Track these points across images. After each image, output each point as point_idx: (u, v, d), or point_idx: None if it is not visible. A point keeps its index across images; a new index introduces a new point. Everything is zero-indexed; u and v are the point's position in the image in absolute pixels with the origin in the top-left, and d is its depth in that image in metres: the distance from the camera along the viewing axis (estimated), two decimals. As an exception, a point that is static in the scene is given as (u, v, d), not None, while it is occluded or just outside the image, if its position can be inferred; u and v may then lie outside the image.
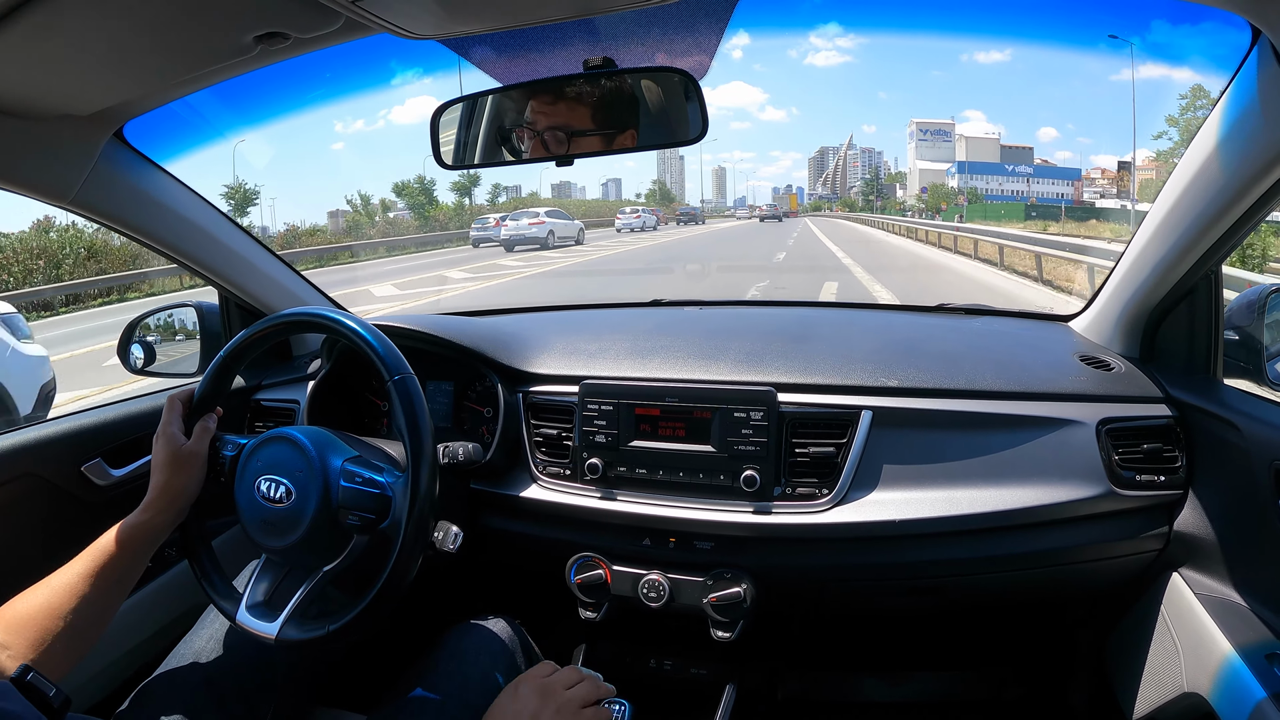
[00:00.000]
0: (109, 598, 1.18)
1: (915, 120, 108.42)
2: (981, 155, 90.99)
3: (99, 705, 1.60)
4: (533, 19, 1.14)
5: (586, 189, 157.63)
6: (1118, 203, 50.79)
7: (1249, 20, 1.06)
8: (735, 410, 1.53)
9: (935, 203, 74.16)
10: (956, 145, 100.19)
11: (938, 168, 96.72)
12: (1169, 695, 1.47)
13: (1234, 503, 1.40)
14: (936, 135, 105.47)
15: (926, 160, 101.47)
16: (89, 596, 1.14)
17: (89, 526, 1.25)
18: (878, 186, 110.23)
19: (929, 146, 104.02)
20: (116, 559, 1.19)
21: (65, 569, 1.16)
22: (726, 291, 13.65)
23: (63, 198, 1.48)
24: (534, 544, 1.74)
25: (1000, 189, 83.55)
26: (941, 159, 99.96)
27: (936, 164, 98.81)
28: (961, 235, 22.13)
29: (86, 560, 1.17)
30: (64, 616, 1.11)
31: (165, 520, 1.25)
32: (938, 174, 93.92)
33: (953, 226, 27.89)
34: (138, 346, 2.00)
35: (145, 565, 1.25)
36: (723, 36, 1.70)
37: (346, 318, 1.35)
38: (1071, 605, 1.96)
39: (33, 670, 0.90)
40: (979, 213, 50.23)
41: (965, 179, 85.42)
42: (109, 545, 1.19)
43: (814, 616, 2.14)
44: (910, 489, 1.50)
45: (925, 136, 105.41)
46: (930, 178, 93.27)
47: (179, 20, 1.07)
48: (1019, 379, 1.57)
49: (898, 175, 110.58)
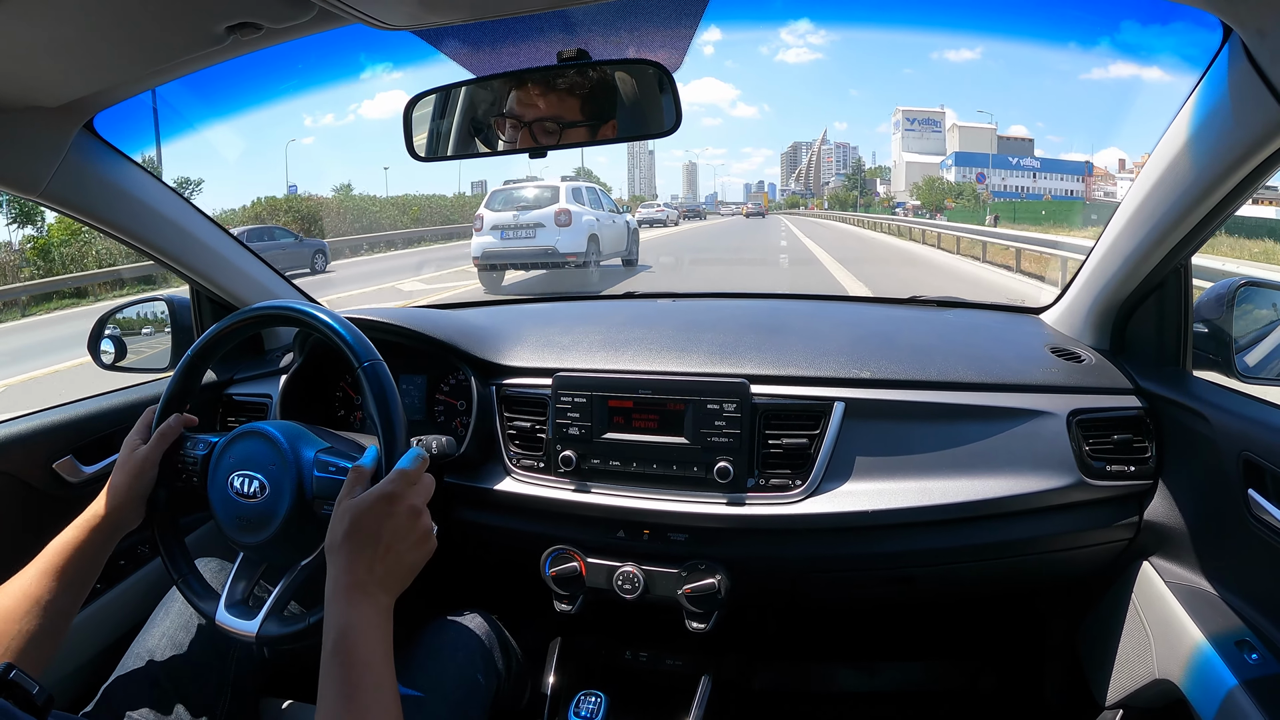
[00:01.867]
0: (66, 597, 1.17)
1: (902, 108, 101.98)
2: (976, 146, 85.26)
3: (76, 704, 1.59)
4: (506, 10, 1.13)
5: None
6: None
7: (1220, 18, 1.08)
8: (708, 402, 1.54)
9: (934, 199, 69.06)
10: (948, 136, 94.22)
11: (927, 160, 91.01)
12: (1141, 682, 1.48)
13: (1203, 492, 1.41)
14: (925, 125, 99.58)
15: (914, 152, 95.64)
16: (46, 599, 1.13)
17: (60, 524, 1.24)
18: (860, 181, 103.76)
19: (917, 137, 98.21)
20: (73, 560, 1.18)
21: (20, 574, 1.16)
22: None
23: (32, 190, 1.46)
24: (508, 537, 1.74)
25: (1003, 184, 78.27)
26: (931, 151, 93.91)
27: (925, 156, 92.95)
28: (998, 243, 16.60)
29: (41, 563, 1.17)
30: (20, 620, 1.11)
31: (111, 520, 1.24)
32: (928, 167, 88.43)
33: (992, 232, 19.18)
34: (108, 342, 1.98)
35: (102, 564, 1.24)
36: (696, 31, 1.70)
37: (317, 310, 1.35)
38: (1043, 594, 1.98)
39: (15, 668, 0.89)
40: (1005, 213, 41.02)
41: (963, 172, 79.63)
42: (64, 546, 1.18)
43: (788, 607, 2.15)
44: (883, 480, 1.51)
45: (913, 126, 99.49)
46: (919, 171, 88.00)
47: (150, 10, 1.06)
48: (990, 370, 1.58)
49: (878, 170, 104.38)
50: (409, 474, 1.13)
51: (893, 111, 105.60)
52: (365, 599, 1.03)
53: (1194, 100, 1.24)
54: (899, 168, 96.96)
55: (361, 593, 1.03)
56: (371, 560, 1.05)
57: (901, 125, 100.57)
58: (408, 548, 1.09)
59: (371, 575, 1.04)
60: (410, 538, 1.09)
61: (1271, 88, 1.03)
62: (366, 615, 1.02)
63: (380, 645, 1.02)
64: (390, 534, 1.07)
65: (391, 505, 1.09)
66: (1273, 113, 1.05)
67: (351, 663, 0.98)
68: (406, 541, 1.09)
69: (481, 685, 1.43)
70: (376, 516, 1.07)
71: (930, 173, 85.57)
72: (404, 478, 1.12)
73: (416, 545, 1.10)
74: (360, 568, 1.04)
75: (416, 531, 1.10)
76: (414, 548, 1.10)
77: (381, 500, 1.09)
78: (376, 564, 1.05)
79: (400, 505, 1.09)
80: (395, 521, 1.08)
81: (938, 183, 78.16)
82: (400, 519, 1.09)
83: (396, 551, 1.07)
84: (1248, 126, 1.12)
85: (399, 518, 1.09)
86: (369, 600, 1.03)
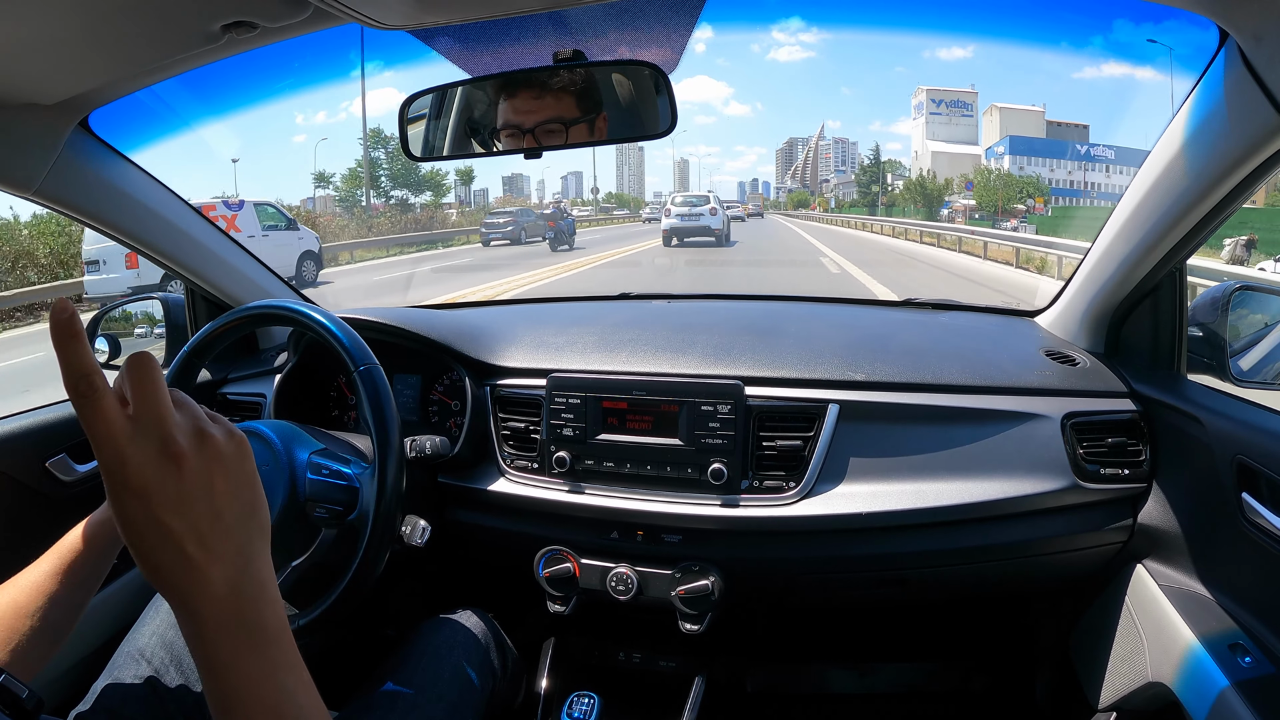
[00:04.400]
0: (76, 595, 1.16)
1: (925, 88, 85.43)
2: (1021, 132, 69.86)
3: (67, 703, 1.58)
4: (503, 10, 1.13)
5: (545, 182, 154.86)
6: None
7: (1216, 22, 1.08)
8: (702, 403, 1.54)
9: (999, 199, 52.01)
10: (984, 120, 77.87)
11: (959, 150, 76.86)
12: (1134, 685, 1.48)
13: (1197, 496, 1.42)
14: (954, 108, 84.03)
15: (940, 140, 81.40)
16: (56, 595, 1.12)
17: (54, 522, 1.23)
18: (879, 174, 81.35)
19: (944, 122, 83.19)
20: (83, 556, 1.17)
21: (32, 568, 1.14)
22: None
23: (26, 188, 1.45)
24: (502, 538, 1.74)
25: (1068, 179, 65.06)
26: (960, 139, 78.71)
27: (956, 145, 78.41)
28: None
29: (52, 558, 1.15)
30: (31, 616, 1.10)
31: None
32: (959, 159, 73.85)
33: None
34: (102, 340, 1.98)
35: (112, 562, 1.24)
36: (691, 32, 1.71)
37: (312, 309, 1.35)
38: (1037, 597, 1.98)
39: (4, 672, 0.88)
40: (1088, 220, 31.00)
41: (1019, 162, 65.36)
42: (74, 543, 1.17)
43: (782, 608, 2.15)
44: (877, 482, 1.51)
45: (939, 110, 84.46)
46: (948, 163, 73.72)
47: (145, 7, 1.06)
48: (985, 373, 1.59)
49: (889, 163, 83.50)
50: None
51: (913, 93, 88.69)
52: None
53: (1190, 104, 1.24)
54: (921, 159, 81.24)
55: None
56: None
57: (925, 109, 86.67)
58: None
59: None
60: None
61: (1267, 92, 1.04)
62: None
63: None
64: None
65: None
66: (1268, 117, 1.05)
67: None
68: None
69: (477, 684, 1.43)
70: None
71: (961, 166, 69.03)
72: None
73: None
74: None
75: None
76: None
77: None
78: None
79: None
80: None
81: (996, 176, 59.24)
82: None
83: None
84: (1243, 131, 1.13)
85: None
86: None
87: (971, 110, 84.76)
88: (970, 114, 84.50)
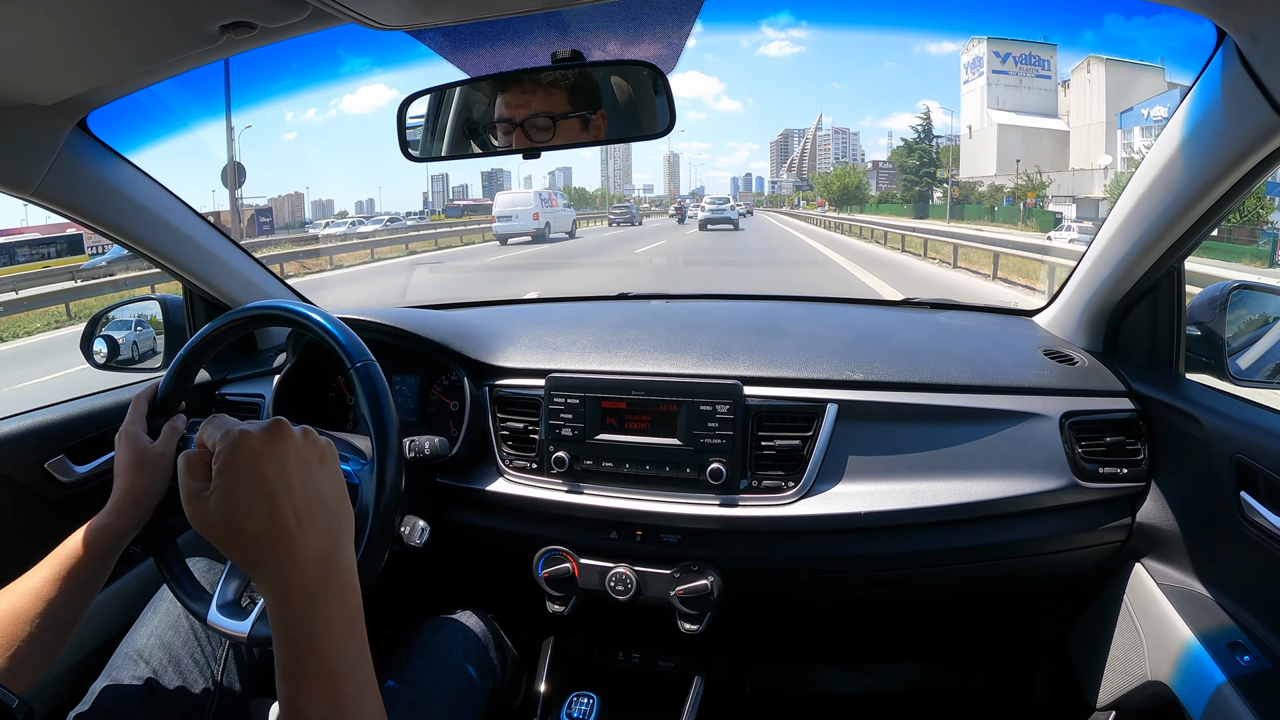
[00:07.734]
0: (76, 601, 1.16)
1: (987, 39, 58.23)
2: (1137, 98, 45.20)
3: (66, 704, 1.58)
4: (500, 11, 1.13)
5: (533, 178, 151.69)
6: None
7: (1214, 22, 1.08)
8: (701, 403, 1.54)
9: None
10: (1077, 82, 50.93)
11: (1033, 124, 53.80)
12: (1133, 684, 1.48)
13: (1195, 495, 1.42)
14: (1027, 64, 57.22)
15: (1009, 110, 55.40)
16: (55, 600, 1.12)
17: (53, 524, 1.23)
18: (931, 156, 60.90)
19: (1012, 87, 56.95)
20: (83, 562, 1.16)
21: (31, 573, 1.14)
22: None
23: (25, 189, 1.45)
24: (501, 538, 1.73)
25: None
26: (1035, 109, 54.98)
27: (1028, 118, 54.58)
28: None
29: (52, 564, 1.15)
30: (30, 621, 1.10)
31: (130, 523, 1.21)
32: (1036, 135, 52.75)
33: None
34: (101, 341, 1.98)
35: (111, 568, 1.23)
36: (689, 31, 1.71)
37: (310, 310, 1.34)
38: (1036, 596, 1.98)
39: None
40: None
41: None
42: (75, 548, 1.16)
43: (781, 608, 2.15)
44: (875, 481, 1.51)
45: (1005, 68, 57.45)
46: (1020, 142, 52.43)
47: (144, 8, 1.06)
48: (983, 373, 1.59)
49: (945, 150, 61.22)
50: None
51: (963, 48, 62.18)
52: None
53: (1188, 104, 1.24)
54: (984, 133, 56.74)
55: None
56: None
57: (986, 66, 57.75)
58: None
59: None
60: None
61: (1265, 91, 1.04)
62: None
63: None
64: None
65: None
66: (1266, 116, 1.06)
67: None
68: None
69: (477, 684, 1.43)
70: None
71: (1039, 144, 50.99)
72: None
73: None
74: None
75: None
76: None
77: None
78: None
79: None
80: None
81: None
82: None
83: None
84: (1241, 130, 1.13)
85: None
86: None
87: (1050, 69, 57.70)
88: (1048, 74, 57.47)
